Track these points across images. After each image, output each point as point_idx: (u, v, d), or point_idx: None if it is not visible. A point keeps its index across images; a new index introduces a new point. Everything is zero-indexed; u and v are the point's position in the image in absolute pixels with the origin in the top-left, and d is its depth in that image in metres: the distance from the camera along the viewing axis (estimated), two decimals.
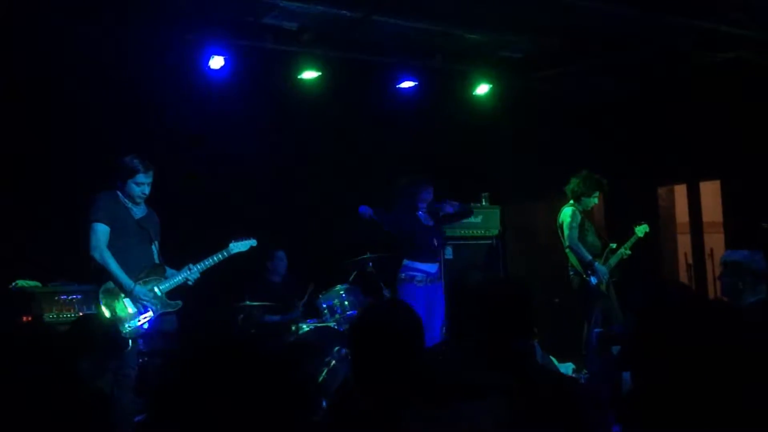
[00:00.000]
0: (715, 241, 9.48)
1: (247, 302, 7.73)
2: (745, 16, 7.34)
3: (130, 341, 5.63)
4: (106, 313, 5.68)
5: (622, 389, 3.64)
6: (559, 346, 7.75)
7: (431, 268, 7.36)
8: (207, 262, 6.10)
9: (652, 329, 3.18)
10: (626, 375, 3.66)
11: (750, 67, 8.44)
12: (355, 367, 2.70)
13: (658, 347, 3.23)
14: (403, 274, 7.34)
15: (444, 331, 7.49)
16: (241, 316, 7.65)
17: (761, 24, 7.50)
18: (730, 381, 3.03)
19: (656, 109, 9.42)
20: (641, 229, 8.18)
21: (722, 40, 7.95)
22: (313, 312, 8.03)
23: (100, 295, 5.71)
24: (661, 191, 10.21)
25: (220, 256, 6.18)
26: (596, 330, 6.57)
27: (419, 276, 7.29)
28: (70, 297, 6.52)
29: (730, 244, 8.79)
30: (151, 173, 5.84)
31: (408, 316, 2.72)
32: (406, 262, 7.37)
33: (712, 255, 9.27)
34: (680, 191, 10.10)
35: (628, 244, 8.10)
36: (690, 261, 9.45)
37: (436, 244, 7.48)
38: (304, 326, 7.62)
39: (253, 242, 6.48)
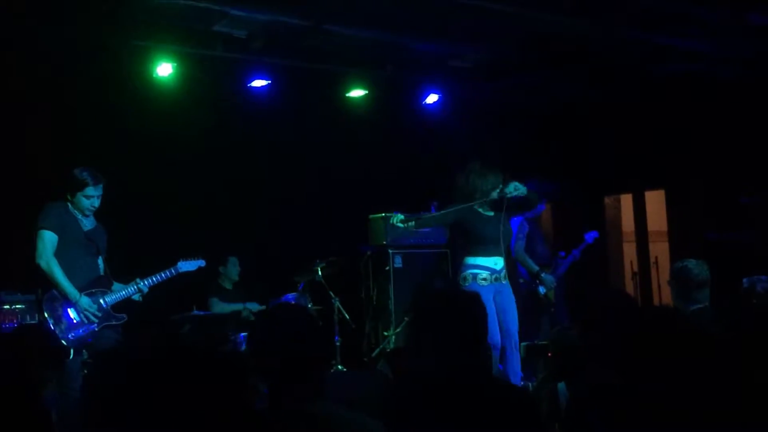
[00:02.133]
0: (660, 250, 9.64)
1: (195, 312, 7.66)
2: (696, 30, 7.48)
3: (72, 351, 5.54)
4: (50, 322, 5.59)
5: (559, 400, 3.66)
6: None
7: (496, 263, 6.47)
8: (155, 279, 6.04)
9: (599, 340, 3.22)
10: (561, 386, 3.67)
11: (697, 80, 8.61)
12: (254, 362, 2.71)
13: (605, 355, 3.28)
14: (465, 273, 6.43)
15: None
16: (188, 326, 7.57)
17: (710, 38, 7.65)
18: (677, 384, 3.08)
19: (603, 120, 9.55)
20: (591, 236, 8.28)
21: (672, 54, 8.09)
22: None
23: (44, 304, 5.61)
24: (608, 200, 10.36)
25: (167, 273, 6.12)
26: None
27: (483, 273, 6.40)
28: (12, 306, 6.40)
29: (674, 252, 8.94)
30: (100, 186, 5.78)
31: (297, 317, 2.74)
32: (466, 260, 6.51)
33: (656, 263, 9.42)
34: (626, 201, 10.26)
35: (578, 250, 8.19)
36: (635, 269, 9.59)
37: (499, 235, 6.50)
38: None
39: (201, 263, 6.42)
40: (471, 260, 6.45)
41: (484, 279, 6.35)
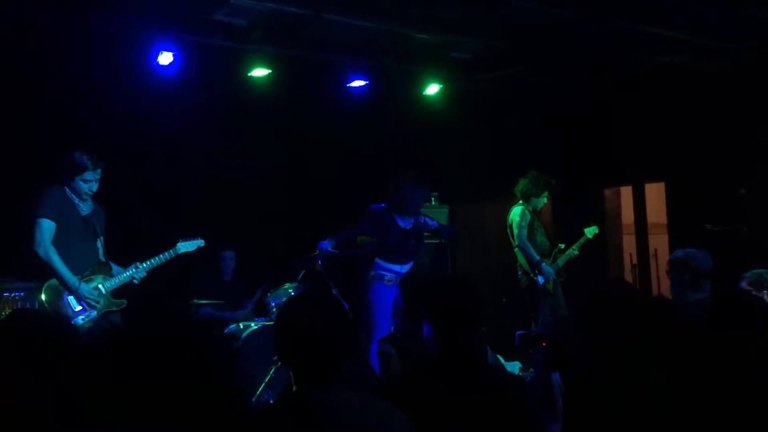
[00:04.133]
0: (659, 242, 9.64)
1: (195, 301, 7.67)
2: (689, 21, 7.48)
3: None
4: (49, 311, 5.58)
5: (554, 390, 3.68)
6: (506, 346, 7.80)
7: (402, 269, 7.22)
8: (154, 261, 6.02)
9: (595, 327, 3.22)
10: (555, 376, 3.69)
11: (694, 71, 8.61)
12: (282, 360, 2.70)
13: (601, 344, 3.28)
14: (373, 273, 7.19)
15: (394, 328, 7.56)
16: (192, 312, 7.59)
17: (704, 30, 7.65)
18: (673, 375, 3.08)
19: (603, 112, 9.55)
20: (590, 231, 8.27)
21: (667, 45, 8.09)
22: (262, 311, 7.99)
23: (43, 292, 5.61)
24: (608, 193, 10.36)
25: (167, 255, 6.11)
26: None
27: (389, 276, 7.15)
28: (12, 294, 6.38)
29: (673, 244, 8.94)
30: (99, 171, 5.75)
31: (332, 309, 2.73)
32: (377, 260, 7.24)
33: (656, 255, 9.42)
34: (626, 193, 10.26)
35: (577, 244, 8.19)
36: (635, 261, 9.60)
37: (411, 246, 7.32)
38: (253, 324, 7.58)
39: (200, 242, 6.41)
40: (380, 262, 7.20)
41: (390, 280, 7.11)
